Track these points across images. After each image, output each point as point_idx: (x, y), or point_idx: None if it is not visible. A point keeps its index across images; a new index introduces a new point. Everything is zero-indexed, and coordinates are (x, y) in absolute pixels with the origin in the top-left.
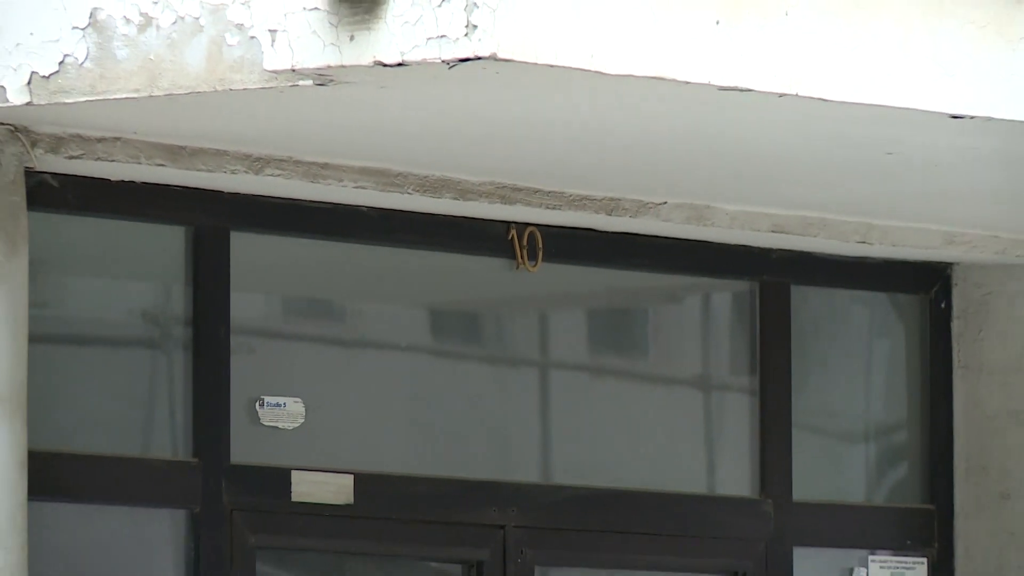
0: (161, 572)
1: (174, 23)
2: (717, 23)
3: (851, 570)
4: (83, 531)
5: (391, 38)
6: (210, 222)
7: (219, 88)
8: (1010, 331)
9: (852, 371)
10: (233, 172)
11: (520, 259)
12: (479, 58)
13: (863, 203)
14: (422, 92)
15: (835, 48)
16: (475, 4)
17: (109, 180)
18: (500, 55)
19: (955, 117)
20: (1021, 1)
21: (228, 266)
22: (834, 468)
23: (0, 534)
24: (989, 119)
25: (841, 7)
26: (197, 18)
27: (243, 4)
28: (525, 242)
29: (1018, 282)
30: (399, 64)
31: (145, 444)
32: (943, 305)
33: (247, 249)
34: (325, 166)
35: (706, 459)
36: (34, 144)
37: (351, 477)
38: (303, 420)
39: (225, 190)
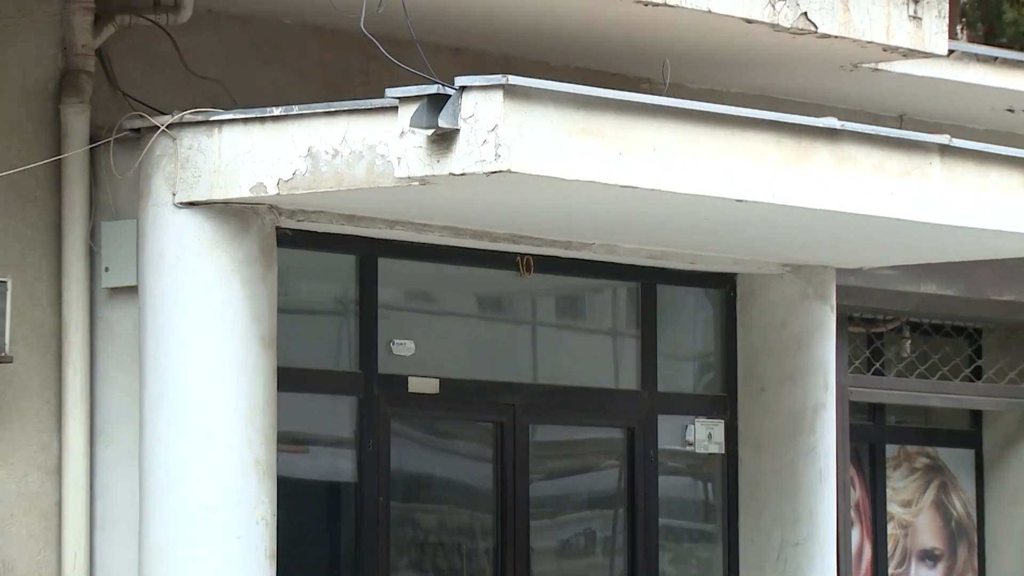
0: (343, 427)
1: (350, 153)
2: (620, 154)
3: (686, 427)
4: (303, 409)
5: (457, 161)
6: (368, 253)
7: (372, 187)
8: (764, 308)
9: (687, 327)
10: (379, 228)
11: (522, 271)
12: (501, 171)
13: (693, 243)
14: (473, 188)
15: (679, 166)
16: (499, 144)
17: (316, 231)
18: (512, 170)
19: (739, 201)
20: (771, 142)
21: (376, 276)
22: (678, 374)
23: (265, 406)
24: (757, 202)
25: (683, 147)
26: (361, 151)
27: (384, 144)
28: (525, 262)
29: (766, 283)
30: (461, 174)
31: (334, 363)
32: (732, 294)
33: (387, 267)
34: (426, 225)
35: (614, 370)
36: (280, 214)
37: (438, 380)
38: (414, 351)
39: (375, 237)
